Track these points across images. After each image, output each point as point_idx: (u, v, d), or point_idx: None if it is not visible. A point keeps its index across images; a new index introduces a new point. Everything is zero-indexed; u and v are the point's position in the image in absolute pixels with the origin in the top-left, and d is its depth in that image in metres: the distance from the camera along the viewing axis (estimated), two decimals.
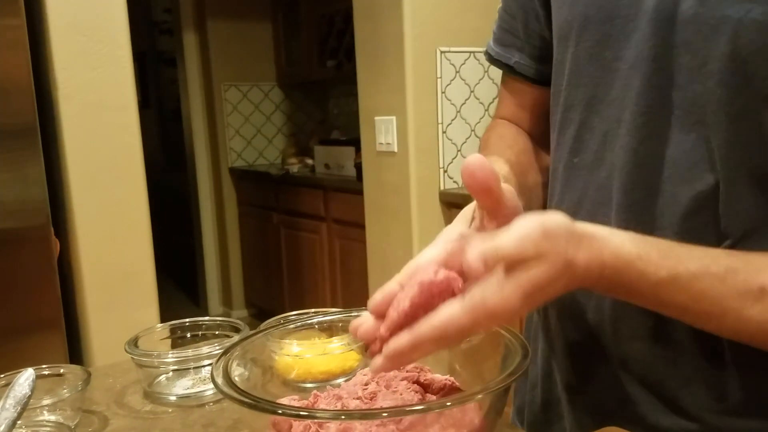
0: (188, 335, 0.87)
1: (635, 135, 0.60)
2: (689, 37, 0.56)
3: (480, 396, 0.49)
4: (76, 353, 1.93)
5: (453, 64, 2.46)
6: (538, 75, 0.78)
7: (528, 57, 0.78)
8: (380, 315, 0.50)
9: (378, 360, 0.49)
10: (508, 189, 0.53)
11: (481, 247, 0.46)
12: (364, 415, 0.50)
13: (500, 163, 0.71)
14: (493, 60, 0.82)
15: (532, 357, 0.63)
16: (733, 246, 0.56)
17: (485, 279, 0.47)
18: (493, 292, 0.46)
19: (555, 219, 0.48)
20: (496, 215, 0.52)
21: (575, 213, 0.67)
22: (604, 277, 0.49)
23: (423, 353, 0.49)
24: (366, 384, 0.58)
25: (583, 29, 0.65)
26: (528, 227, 0.46)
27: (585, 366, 0.69)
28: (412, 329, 0.47)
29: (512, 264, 0.46)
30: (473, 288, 0.47)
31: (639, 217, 0.60)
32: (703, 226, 0.57)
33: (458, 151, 2.51)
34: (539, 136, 0.81)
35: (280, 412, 0.47)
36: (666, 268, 0.50)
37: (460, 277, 0.49)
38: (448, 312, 0.47)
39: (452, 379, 0.59)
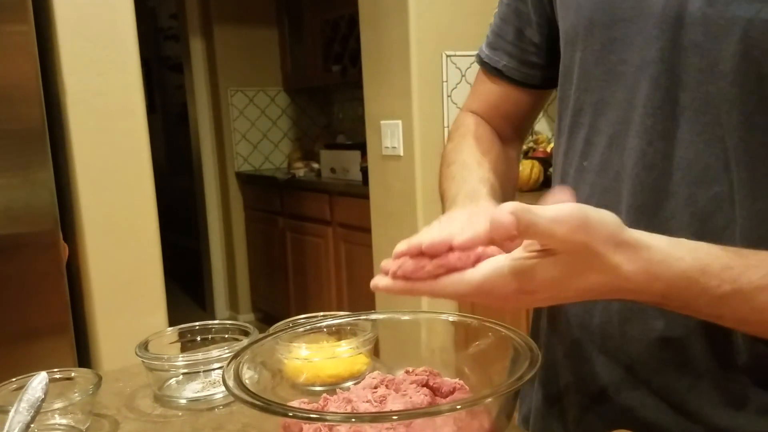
0: (198, 339, 0.87)
1: (643, 137, 0.60)
2: (698, 37, 0.56)
3: (489, 399, 0.49)
4: (84, 357, 1.93)
5: (459, 68, 2.47)
6: (522, 78, 0.80)
7: (517, 61, 0.80)
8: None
9: (385, 281, 0.51)
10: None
11: (514, 205, 0.43)
12: (374, 417, 0.50)
13: (487, 171, 0.73)
14: (482, 62, 0.84)
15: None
16: (750, 248, 0.56)
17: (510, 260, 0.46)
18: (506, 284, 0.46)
19: (604, 217, 0.45)
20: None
21: None
22: (656, 291, 0.48)
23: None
24: (375, 387, 0.58)
25: (589, 33, 0.65)
26: (569, 212, 0.43)
27: (591, 369, 0.69)
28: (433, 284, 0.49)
29: (540, 248, 0.44)
30: (490, 271, 0.47)
31: (649, 219, 0.60)
32: (721, 228, 0.57)
33: None
34: (501, 135, 0.85)
35: (291, 414, 0.48)
36: (729, 281, 0.48)
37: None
38: (462, 285, 0.48)
39: (461, 382, 0.59)
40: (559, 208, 0.43)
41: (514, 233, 0.42)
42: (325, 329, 0.71)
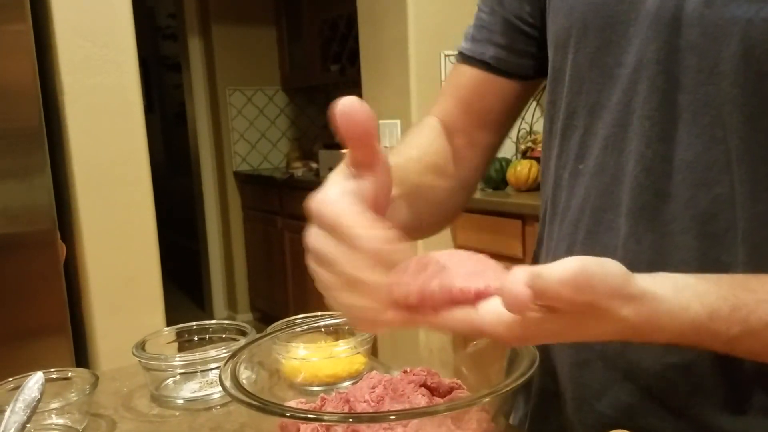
0: (195, 339, 0.87)
1: (641, 139, 0.60)
2: (695, 39, 0.56)
3: (487, 399, 0.49)
4: (82, 357, 1.93)
5: None
6: (514, 68, 0.76)
7: (506, 51, 0.76)
8: None
9: (390, 315, 0.46)
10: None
11: (523, 274, 0.41)
12: (372, 418, 0.50)
13: (407, 155, 0.70)
14: (465, 57, 0.78)
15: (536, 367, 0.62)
16: (753, 251, 0.55)
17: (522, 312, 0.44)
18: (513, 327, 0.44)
19: (608, 271, 0.43)
20: (370, 167, 0.49)
21: (579, 220, 0.66)
22: (662, 340, 0.47)
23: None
24: (373, 387, 0.58)
25: (582, 36, 0.64)
26: (572, 272, 0.41)
27: (590, 373, 0.68)
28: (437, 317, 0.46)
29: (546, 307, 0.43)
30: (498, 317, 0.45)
31: (649, 222, 0.60)
32: (723, 231, 0.57)
33: None
34: (475, 135, 0.79)
35: (288, 414, 0.47)
36: (738, 323, 0.47)
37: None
38: (467, 320, 0.46)
39: (459, 382, 0.59)
40: (564, 268, 0.41)
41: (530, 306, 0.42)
42: (323, 329, 0.71)
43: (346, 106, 0.45)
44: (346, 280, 0.46)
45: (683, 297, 0.46)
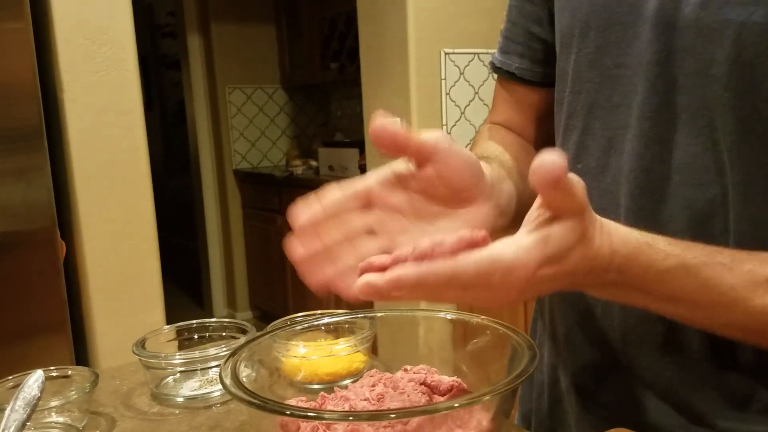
0: (195, 337, 0.87)
1: (641, 140, 0.60)
2: (691, 41, 0.56)
3: (487, 397, 0.49)
4: (81, 355, 1.93)
5: (457, 66, 2.47)
6: (540, 78, 0.78)
7: (529, 61, 0.78)
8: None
9: (370, 278, 0.43)
10: (438, 135, 0.51)
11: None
12: (372, 416, 0.50)
13: (492, 148, 0.71)
14: (495, 68, 0.81)
15: (539, 363, 0.61)
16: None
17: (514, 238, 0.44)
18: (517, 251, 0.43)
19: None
20: (425, 158, 0.50)
21: None
22: (612, 266, 0.47)
23: (421, 295, 0.44)
24: (373, 385, 0.58)
25: (584, 36, 0.65)
26: (579, 181, 0.43)
27: (592, 372, 0.69)
28: (426, 265, 0.42)
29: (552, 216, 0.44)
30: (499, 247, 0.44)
31: (647, 222, 0.60)
32: (718, 231, 0.57)
33: None
34: (534, 142, 0.80)
35: (288, 413, 0.47)
36: (674, 255, 0.49)
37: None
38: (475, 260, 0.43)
39: (459, 380, 0.59)
40: (572, 178, 0.43)
41: (560, 182, 0.41)
42: (322, 327, 0.71)
43: (371, 126, 0.48)
44: None
45: (623, 227, 0.49)
